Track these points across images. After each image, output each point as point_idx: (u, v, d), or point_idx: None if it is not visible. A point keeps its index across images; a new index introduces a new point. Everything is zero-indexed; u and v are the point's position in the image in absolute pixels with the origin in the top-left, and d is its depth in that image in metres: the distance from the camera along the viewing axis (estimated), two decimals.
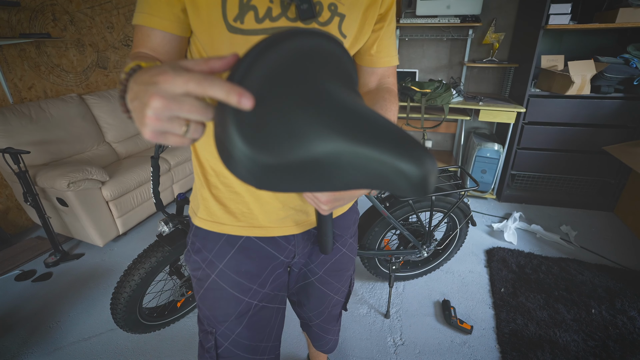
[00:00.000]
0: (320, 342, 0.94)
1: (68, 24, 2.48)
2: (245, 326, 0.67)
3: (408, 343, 1.48)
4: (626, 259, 1.96)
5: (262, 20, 0.50)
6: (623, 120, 2.21)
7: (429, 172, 0.30)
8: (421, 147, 0.31)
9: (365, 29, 0.59)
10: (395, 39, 0.66)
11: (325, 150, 0.32)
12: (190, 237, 0.68)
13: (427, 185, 0.31)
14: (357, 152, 0.31)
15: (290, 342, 1.49)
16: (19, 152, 1.75)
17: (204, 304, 0.67)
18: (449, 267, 1.93)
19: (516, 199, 2.63)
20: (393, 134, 0.31)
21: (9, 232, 2.29)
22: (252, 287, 0.66)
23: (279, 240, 0.65)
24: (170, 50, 0.53)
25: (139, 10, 0.51)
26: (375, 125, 0.32)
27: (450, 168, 1.66)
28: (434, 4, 2.40)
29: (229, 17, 0.49)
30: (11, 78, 2.18)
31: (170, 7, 0.50)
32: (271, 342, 0.73)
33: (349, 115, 0.32)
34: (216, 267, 0.64)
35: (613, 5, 2.09)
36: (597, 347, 1.40)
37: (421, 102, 2.48)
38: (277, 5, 0.50)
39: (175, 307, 1.58)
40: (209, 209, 0.63)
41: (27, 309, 1.68)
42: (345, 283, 0.84)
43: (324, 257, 0.74)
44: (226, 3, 0.48)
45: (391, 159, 0.30)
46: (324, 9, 0.52)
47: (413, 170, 0.30)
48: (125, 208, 2.15)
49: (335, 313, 0.89)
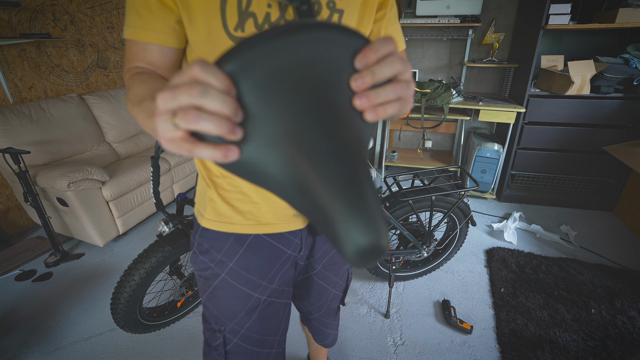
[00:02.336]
0: (321, 335, 0.95)
1: (68, 24, 2.48)
2: (255, 320, 0.68)
3: (408, 343, 1.48)
4: (626, 259, 1.96)
5: (261, 26, 0.49)
6: (623, 120, 2.21)
7: (376, 243, 0.26)
8: (381, 215, 0.27)
9: (365, 20, 0.58)
10: (399, 24, 0.66)
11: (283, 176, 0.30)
12: (196, 239, 0.68)
13: (371, 256, 0.27)
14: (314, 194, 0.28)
15: (290, 342, 1.49)
16: (19, 152, 1.75)
17: (212, 303, 0.67)
18: (449, 267, 1.93)
19: (516, 199, 2.63)
20: (360, 191, 0.27)
21: (9, 232, 2.29)
22: (262, 283, 0.67)
23: (286, 235, 0.66)
24: (168, 63, 0.52)
25: (131, 24, 0.49)
26: (350, 173, 0.28)
27: (450, 168, 1.67)
28: (434, 4, 2.40)
29: (230, 26, 0.48)
30: (11, 78, 2.18)
31: (165, 19, 0.48)
32: (278, 336, 0.74)
33: (331, 153, 0.28)
34: (226, 265, 0.65)
35: (613, 5, 2.10)
36: (597, 347, 1.40)
37: (421, 102, 2.48)
38: (275, 8, 0.49)
39: (175, 307, 1.58)
40: (216, 210, 0.63)
41: (27, 309, 1.68)
42: (342, 277, 0.85)
43: (322, 252, 0.75)
44: (225, 13, 0.47)
45: (340, 209, 0.26)
46: (323, 7, 0.51)
47: (360, 233, 0.26)
48: (125, 208, 2.15)
49: (333, 307, 0.91)
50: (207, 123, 0.25)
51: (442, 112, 2.53)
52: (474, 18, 2.42)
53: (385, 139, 3.02)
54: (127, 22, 0.49)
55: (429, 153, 3.12)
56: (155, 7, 0.48)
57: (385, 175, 1.71)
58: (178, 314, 1.58)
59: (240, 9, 0.47)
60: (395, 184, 1.56)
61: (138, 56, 0.50)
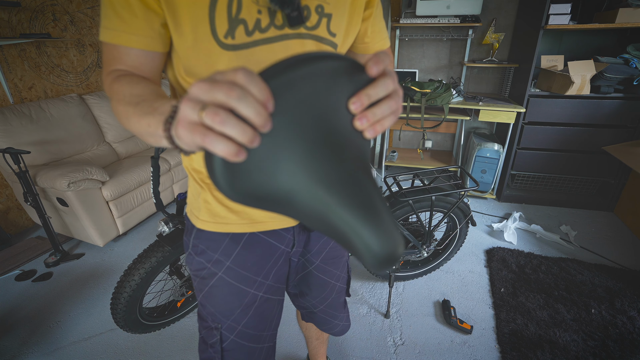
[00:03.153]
0: (328, 325, 0.93)
1: (68, 24, 2.48)
2: (252, 316, 0.69)
3: (408, 343, 1.48)
4: (626, 259, 1.96)
5: (252, 32, 0.48)
6: (623, 120, 2.22)
7: (392, 252, 0.30)
8: (393, 226, 0.31)
9: (354, 21, 0.58)
10: (384, 21, 0.67)
11: (302, 198, 0.31)
12: (191, 240, 0.68)
13: (388, 264, 0.30)
14: (333, 211, 0.30)
15: (290, 342, 1.49)
16: (19, 152, 1.75)
17: (209, 301, 0.68)
18: (449, 267, 1.93)
19: (516, 199, 2.63)
20: (373, 205, 0.31)
21: (9, 232, 2.29)
22: (257, 279, 0.68)
23: (279, 231, 0.67)
24: (153, 67, 0.50)
25: (110, 26, 0.45)
26: (362, 193, 0.31)
27: (450, 168, 1.67)
28: (434, 4, 2.40)
29: (219, 34, 0.46)
30: (11, 78, 2.18)
31: (149, 22, 0.45)
32: (271, 330, 0.75)
33: (340, 174, 0.31)
34: (223, 264, 0.65)
35: (613, 5, 2.10)
36: (597, 347, 1.40)
37: (421, 102, 2.48)
38: (265, 15, 0.48)
39: (175, 307, 1.58)
40: (211, 211, 0.63)
41: (27, 309, 1.68)
42: (343, 269, 0.86)
43: (320, 246, 0.76)
44: (215, 19, 0.45)
45: (357, 227, 0.30)
46: (312, 13, 0.51)
47: (377, 245, 0.29)
48: (125, 208, 2.15)
49: (340, 300, 0.91)
50: (232, 128, 0.26)
51: (442, 112, 2.53)
52: (474, 18, 2.42)
53: (385, 139, 3.02)
54: (104, 23, 0.45)
55: (429, 153, 3.12)
56: (138, 9, 0.44)
57: (385, 175, 1.71)
58: (178, 314, 1.58)
59: (231, 15, 0.46)
60: (395, 184, 1.56)
61: (120, 60, 0.47)
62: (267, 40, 0.49)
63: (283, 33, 0.50)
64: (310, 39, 0.53)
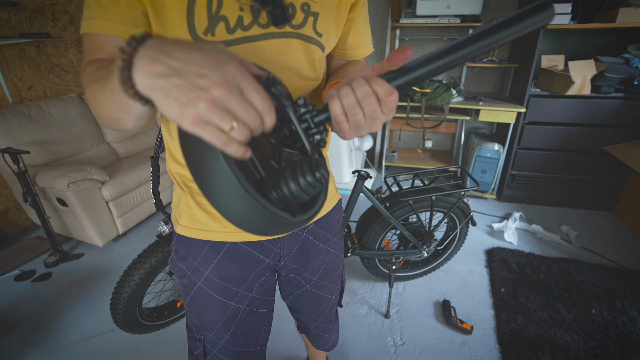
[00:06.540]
0: (320, 341, 0.94)
1: (68, 24, 2.47)
2: (233, 333, 0.66)
3: (408, 343, 1.48)
4: (626, 259, 1.96)
5: (233, 30, 0.47)
6: (623, 120, 2.21)
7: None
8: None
9: (339, 21, 0.57)
10: (369, 24, 0.65)
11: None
12: (173, 245, 0.66)
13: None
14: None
15: (290, 342, 1.49)
16: (19, 152, 1.75)
17: (192, 311, 0.67)
18: (449, 267, 1.93)
19: (516, 199, 2.63)
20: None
21: (9, 232, 2.29)
22: (239, 291, 0.65)
23: (264, 243, 0.64)
24: None
25: (92, 15, 0.43)
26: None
27: (450, 168, 1.66)
28: (434, 4, 2.39)
29: (198, 30, 0.45)
30: (11, 78, 2.17)
31: (131, 10, 0.44)
32: (258, 346, 0.73)
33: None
34: (202, 274, 0.63)
35: (613, 5, 2.09)
36: (598, 347, 1.39)
37: (421, 102, 2.48)
38: (247, 12, 0.47)
39: (175, 307, 1.57)
40: (192, 216, 0.61)
41: (27, 309, 1.68)
42: (337, 281, 0.84)
43: (317, 264, 0.74)
44: (193, 16, 0.44)
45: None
46: (297, 11, 0.50)
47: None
48: (125, 208, 2.15)
49: (332, 313, 0.90)
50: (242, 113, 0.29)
51: (442, 112, 2.53)
52: (474, 18, 2.41)
53: (385, 139, 3.02)
54: (86, 15, 0.44)
55: (429, 153, 3.12)
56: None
57: (385, 175, 1.71)
58: (178, 314, 1.58)
59: (210, 12, 0.45)
60: (395, 184, 1.56)
61: (100, 49, 0.44)
62: (250, 38, 0.48)
63: (267, 32, 0.49)
64: (296, 37, 0.51)
